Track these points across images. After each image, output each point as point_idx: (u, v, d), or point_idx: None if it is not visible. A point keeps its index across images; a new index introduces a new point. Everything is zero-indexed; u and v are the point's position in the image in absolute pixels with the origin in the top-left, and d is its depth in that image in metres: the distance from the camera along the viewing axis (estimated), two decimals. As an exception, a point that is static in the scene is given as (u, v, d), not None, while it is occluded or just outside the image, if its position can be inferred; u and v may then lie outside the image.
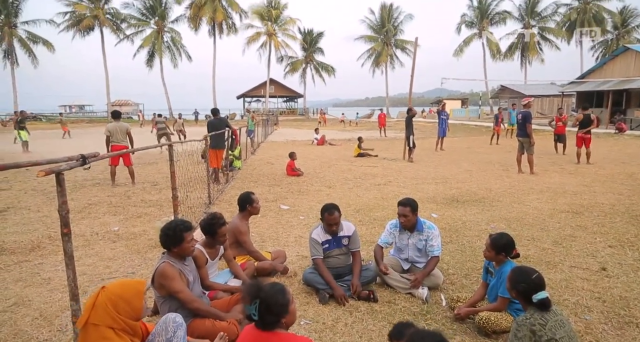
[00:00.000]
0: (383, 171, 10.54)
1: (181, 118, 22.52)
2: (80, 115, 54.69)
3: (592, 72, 28.93)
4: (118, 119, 8.93)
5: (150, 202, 7.12)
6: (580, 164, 10.94)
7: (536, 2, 46.88)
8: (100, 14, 43.14)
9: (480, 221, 5.76)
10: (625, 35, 46.86)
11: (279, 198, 7.45)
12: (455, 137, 22.04)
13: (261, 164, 12.05)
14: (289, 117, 53.08)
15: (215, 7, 44.44)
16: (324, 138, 18.56)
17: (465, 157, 13.33)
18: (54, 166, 2.27)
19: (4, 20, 41.28)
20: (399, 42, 53.17)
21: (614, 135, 20.26)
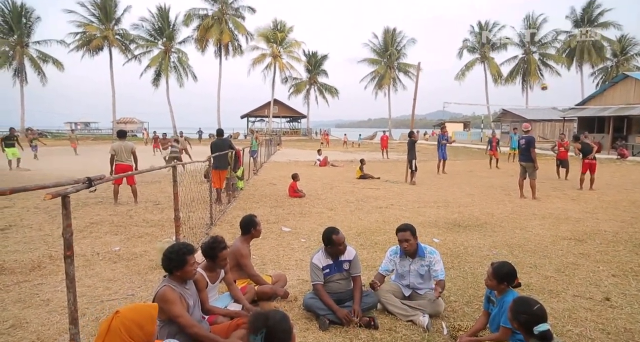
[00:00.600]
0: (385, 194, 10.54)
1: (183, 136, 21.87)
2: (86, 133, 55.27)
3: (593, 98, 29.23)
4: (123, 138, 9.03)
5: (152, 222, 7.13)
6: (582, 190, 10.94)
7: (537, 29, 47.85)
8: (110, 35, 44.22)
9: (482, 246, 5.73)
10: (624, 62, 47.61)
11: (281, 220, 7.45)
12: (457, 160, 22.12)
13: (263, 185, 12.09)
14: (292, 137, 53.48)
15: (222, 29, 45.50)
16: (326, 159, 18.66)
17: (467, 180, 13.35)
18: (61, 189, 2.31)
19: (16, 40, 42.37)
20: (402, 66, 54.06)
21: (616, 161, 20.29)
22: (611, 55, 48.36)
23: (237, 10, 47.66)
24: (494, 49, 49.93)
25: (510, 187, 11.35)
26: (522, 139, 10.01)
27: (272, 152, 25.44)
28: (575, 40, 45.59)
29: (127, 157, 8.80)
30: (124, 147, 8.81)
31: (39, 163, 16.36)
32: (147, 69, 47.13)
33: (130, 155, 8.87)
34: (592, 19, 46.30)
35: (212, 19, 45.67)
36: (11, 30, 42.36)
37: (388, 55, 53.12)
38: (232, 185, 9.89)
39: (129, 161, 8.85)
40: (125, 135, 9.23)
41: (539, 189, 9.98)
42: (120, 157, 8.74)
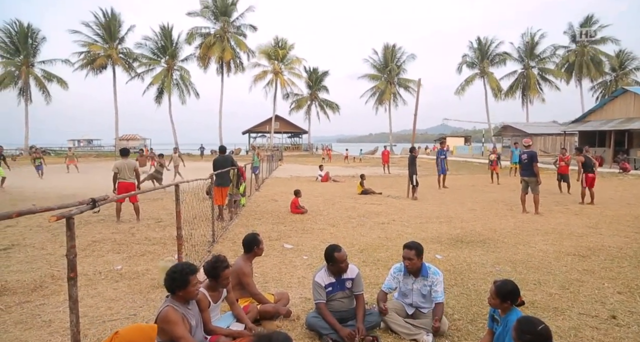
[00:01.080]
0: (387, 209, 10.53)
1: (177, 152, 21.13)
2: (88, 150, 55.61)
3: (593, 112, 29.40)
4: (126, 157, 9.11)
5: (154, 239, 7.12)
6: (584, 204, 10.90)
7: (535, 44, 48.48)
8: (113, 54, 44.92)
9: (485, 262, 5.70)
10: (623, 77, 48.06)
11: (283, 237, 7.44)
12: (459, 174, 22.13)
13: (265, 201, 12.09)
14: (293, 153, 53.69)
15: (224, 47, 46.19)
16: (328, 175, 18.68)
17: (469, 195, 13.33)
18: (65, 211, 2.33)
19: (22, 60, 43.10)
20: (402, 81, 54.59)
21: (618, 175, 20.26)
22: (610, 70, 48.88)
23: (239, 28, 48.49)
24: (493, 64, 50.47)
25: (512, 202, 11.34)
26: (524, 154, 10.02)
27: (273, 168, 25.50)
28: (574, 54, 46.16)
29: (129, 175, 8.88)
30: (126, 165, 8.89)
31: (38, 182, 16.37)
32: (149, 86, 47.75)
33: (132, 173, 8.95)
34: (590, 34, 46.90)
35: (214, 37, 46.42)
36: (17, 50, 43.17)
37: (388, 71, 53.69)
38: (235, 202, 9.90)
39: (131, 179, 8.92)
40: (128, 154, 9.30)
41: (541, 204, 9.96)
42: (123, 175, 8.81)
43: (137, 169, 9.09)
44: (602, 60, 46.67)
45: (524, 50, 49.09)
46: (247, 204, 11.26)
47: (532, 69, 49.13)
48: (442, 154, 15.71)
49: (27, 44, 43.15)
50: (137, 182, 9.11)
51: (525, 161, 9.86)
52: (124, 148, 9.76)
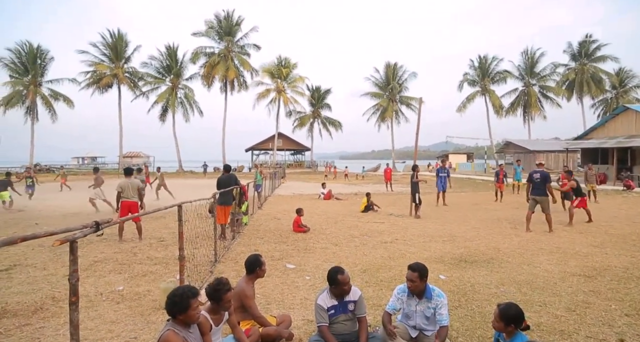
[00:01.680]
0: (390, 228, 10.48)
1: (160, 171, 20.43)
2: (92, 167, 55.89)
3: (595, 129, 29.46)
4: (130, 176, 9.17)
5: (156, 259, 7.10)
6: (572, 225, 10.57)
7: (535, 62, 49.00)
8: (119, 73, 45.66)
9: (489, 283, 5.64)
10: (623, 94, 48.37)
11: (285, 256, 7.40)
12: (462, 192, 22.06)
13: (268, 220, 12.06)
14: (296, 170, 53.80)
15: (228, 66, 46.90)
16: (330, 192, 18.67)
17: (472, 213, 13.27)
18: (69, 235, 2.35)
19: (30, 80, 43.85)
20: (404, 99, 54.97)
21: (622, 192, 20.15)
22: (610, 88, 49.20)
23: (243, 47, 49.30)
24: (494, 82, 50.90)
25: (516, 220, 11.27)
26: (536, 173, 10.12)
27: (276, 186, 25.52)
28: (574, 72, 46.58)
29: (132, 194, 8.92)
30: (130, 184, 8.94)
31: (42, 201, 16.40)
32: (154, 104, 48.35)
33: (135, 192, 8.99)
34: (589, 53, 47.45)
35: (218, 56, 47.19)
36: (26, 70, 43.96)
37: (390, 89, 54.16)
38: (237, 220, 9.89)
39: (134, 198, 8.95)
40: (132, 173, 9.37)
41: (544, 222, 9.91)
42: (127, 194, 8.85)
43: (141, 189, 9.12)
44: (602, 78, 47.06)
45: (524, 68, 49.60)
46: (250, 223, 11.24)
47: (533, 86, 49.53)
48: (442, 171, 15.78)
49: (36, 64, 43.99)
50: (140, 202, 9.13)
51: (537, 180, 9.96)
52: (127, 167, 9.84)
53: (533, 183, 10.11)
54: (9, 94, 43.00)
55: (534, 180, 10.06)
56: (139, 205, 9.11)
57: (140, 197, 9.12)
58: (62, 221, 11.60)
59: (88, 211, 13.67)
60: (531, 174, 10.31)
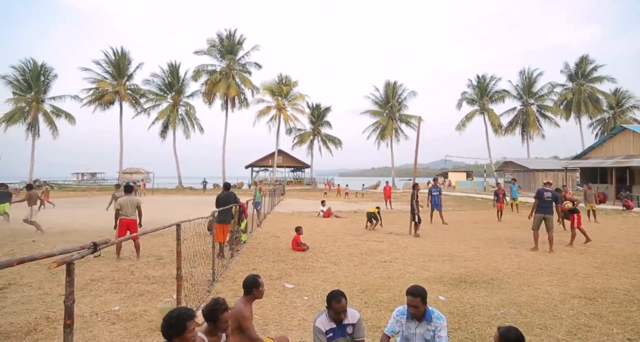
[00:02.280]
0: (389, 247, 10.42)
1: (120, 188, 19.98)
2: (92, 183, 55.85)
3: (593, 149, 29.61)
4: (129, 193, 9.14)
5: (153, 278, 7.03)
6: (573, 246, 10.54)
7: (533, 82, 49.62)
8: (121, 90, 46.14)
9: (489, 305, 5.58)
10: (620, 114, 48.84)
11: (284, 275, 7.33)
12: (461, 210, 22.01)
13: (267, 238, 12.00)
14: (295, 187, 53.77)
15: (229, 84, 47.44)
16: (329, 210, 18.63)
17: (472, 232, 13.21)
18: (66, 256, 2.35)
19: (33, 97, 44.28)
20: (404, 117, 55.37)
21: (621, 212, 20.11)
22: (607, 108, 49.69)
23: (244, 66, 49.95)
24: (492, 101, 51.40)
25: (516, 240, 11.22)
26: (547, 191, 10.32)
27: (275, 203, 25.46)
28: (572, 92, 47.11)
29: (131, 212, 8.89)
30: (129, 202, 8.91)
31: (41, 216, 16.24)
32: (155, 121, 48.66)
33: (135, 210, 8.95)
34: (585, 73, 48.12)
35: (220, 74, 47.78)
36: (29, 87, 44.43)
37: (389, 107, 54.65)
38: (236, 238, 9.84)
39: (133, 216, 8.92)
40: (132, 190, 9.32)
41: (545, 242, 9.87)
42: (125, 212, 8.81)
43: (140, 206, 9.10)
44: (599, 98, 47.59)
45: (521, 88, 50.19)
46: (249, 241, 11.18)
47: (531, 106, 50.02)
48: (434, 190, 15.85)
49: (39, 81, 44.51)
50: (139, 220, 9.10)
51: (548, 199, 10.17)
52: (127, 184, 9.79)
53: (542, 201, 10.22)
54: (11, 111, 43.35)
55: (545, 198, 10.18)
56: (138, 223, 9.07)
57: (139, 215, 9.08)
58: (60, 238, 11.52)
59: (86, 227, 13.61)
60: (541, 192, 10.37)
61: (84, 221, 15.53)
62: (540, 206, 10.19)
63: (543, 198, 10.22)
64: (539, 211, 10.20)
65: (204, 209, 17.24)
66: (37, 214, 13.26)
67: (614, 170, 25.15)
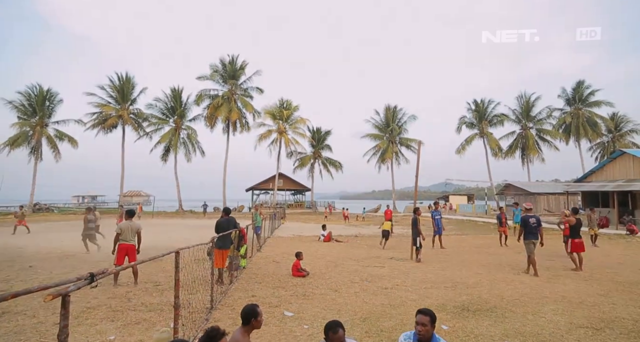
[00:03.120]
0: (390, 272, 10.27)
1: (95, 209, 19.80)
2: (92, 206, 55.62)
3: (594, 173, 29.64)
4: (131, 218, 9.11)
5: (150, 306, 6.91)
6: (581, 270, 10.47)
7: (531, 106, 50.16)
8: (124, 114, 46.67)
9: (493, 335, 5.44)
10: (619, 138, 49.13)
11: (283, 303, 7.20)
12: (463, 234, 21.83)
13: (266, 263, 11.86)
14: (296, 210, 53.54)
15: (231, 108, 48.00)
16: (330, 235, 18.48)
17: (474, 257, 13.05)
18: (61, 288, 2.31)
19: (37, 121, 44.78)
20: (404, 140, 55.73)
21: (625, 237, 19.91)
22: (606, 131, 50.05)
23: (246, 90, 50.68)
24: (491, 125, 51.82)
25: (519, 266, 11.07)
26: (532, 217, 10.45)
27: (276, 226, 25.28)
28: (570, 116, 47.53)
29: (131, 237, 8.85)
30: (130, 227, 8.88)
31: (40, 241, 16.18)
32: (157, 144, 48.95)
33: (134, 235, 8.91)
34: (583, 97, 48.73)
35: (222, 98, 48.41)
36: (34, 112, 45.00)
37: (390, 131, 55.08)
38: (235, 264, 9.72)
39: (132, 241, 8.87)
40: (134, 215, 9.31)
41: (548, 268, 9.77)
42: (125, 237, 8.77)
43: (140, 232, 9.05)
44: (597, 122, 47.98)
45: (520, 112, 50.69)
46: (248, 266, 11.04)
47: (530, 129, 50.38)
48: (436, 214, 15.82)
49: (44, 106, 45.10)
50: (138, 246, 9.03)
51: (534, 225, 10.33)
52: (129, 209, 9.75)
53: (529, 227, 10.40)
54: (15, 135, 43.72)
55: (531, 224, 10.38)
56: (137, 249, 9.00)
57: (138, 241, 9.02)
58: (57, 264, 11.39)
59: (86, 253, 13.48)
60: (527, 219, 10.55)
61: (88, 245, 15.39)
62: (528, 232, 10.40)
63: (529, 225, 10.41)
64: (529, 237, 10.35)
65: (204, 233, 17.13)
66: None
67: (615, 194, 25.08)
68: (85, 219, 13.85)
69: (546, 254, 13.75)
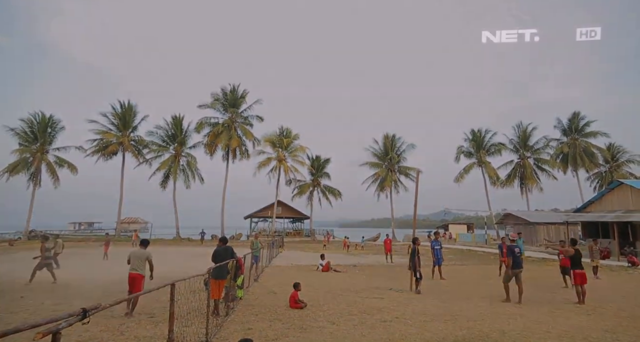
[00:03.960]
0: (389, 304, 10.08)
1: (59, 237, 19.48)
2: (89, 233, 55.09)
3: (592, 203, 29.65)
4: (143, 246, 9.28)
5: (144, 339, 6.73)
6: (583, 304, 10.23)
7: (528, 136, 50.70)
8: (125, 141, 47.02)
9: (496, 372, 5.30)
10: (616, 168, 49.47)
11: (280, 336, 7.03)
12: (463, 264, 21.55)
13: (263, 294, 11.65)
14: (294, 239, 52.99)
15: (231, 136, 48.42)
16: (328, 264, 18.23)
17: (474, 289, 12.86)
18: (52, 326, 2.28)
19: (38, 148, 45.05)
20: (402, 169, 55.85)
21: (627, 268, 19.67)
22: (603, 162, 50.42)
23: (246, 118, 51.25)
24: (489, 154, 52.17)
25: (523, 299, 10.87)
26: (517, 247, 10.81)
27: (274, 255, 24.96)
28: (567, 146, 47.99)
29: (138, 266, 8.91)
30: (138, 254, 9.01)
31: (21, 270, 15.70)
32: (156, 171, 49.04)
33: (143, 263, 9.00)
34: (579, 128, 49.39)
35: (222, 126, 48.92)
36: (36, 138, 45.33)
37: (388, 159, 55.34)
38: (231, 295, 9.55)
39: (138, 270, 8.92)
40: (147, 244, 9.43)
41: (549, 301, 9.60)
42: (132, 265, 8.88)
43: (150, 259, 9.13)
44: (594, 152, 48.39)
45: (517, 142, 51.17)
46: (245, 297, 10.83)
47: (528, 159, 50.70)
48: (436, 244, 15.72)
49: (46, 133, 45.48)
50: (151, 273, 9.22)
51: (519, 254, 10.78)
52: (144, 239, 9.95)
53: (515, 257, 10.77)
54: (15, 161, 43.82)
55: (516, 254, 10.75)
56: (150, 276, 9.18)
57: (150, 268, 9.16)
58: (50, 295, 11.11)
59: (78, 282, 13.24)
60: (512, 249, 10.86)
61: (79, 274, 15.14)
62: (515, 262, 10.72)
63: (515, 254, 10.74)
64: (516, 266, 10.74)
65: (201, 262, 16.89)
66: None
67: (615, 225, 24.97)
68: (43, 248, 13.69)
69: (548, 286, 13.56)
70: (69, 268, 16.24)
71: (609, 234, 26.38)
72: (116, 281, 12.23)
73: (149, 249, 9.44)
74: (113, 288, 11.39)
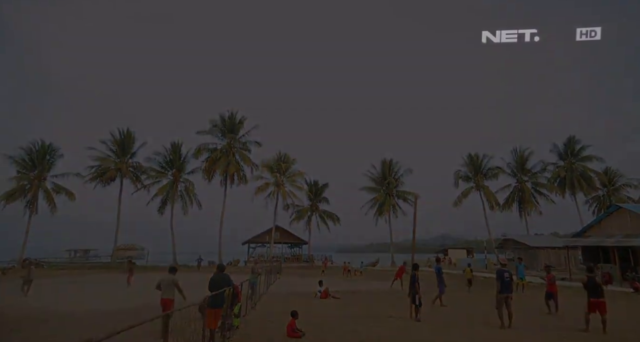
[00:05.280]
0: (389, 333, 9.89)
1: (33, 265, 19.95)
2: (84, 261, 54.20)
3: (591, 227, 29.57)
4: (172, 273, 9.69)
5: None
6: (588, 332, 9.94)
7: (525, 160, 51.04)
8: (123, 168, 47.09)
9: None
10: (614, 192, 49.61)
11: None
12: (464, 290, 21.21)
13: (261, 322, 11.40)
14: (292, 264, 52.29)
15: (229, 161, 48.57)
16: (327, 291, 17.95)
17: (475, 316, 12.62)
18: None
19: (36, 175, 44.98)
20: (400, 193, 55.85)
21: (630, 294, 19.39)
22: (601, 185, 50.61)
23: (245, 144, 51.51)
24: (487, 178, 52.30)
25: (524, 326, 10.69)
26: (506, 272, 10.77)
27: (271, 282, 24.55)
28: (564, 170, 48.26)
29: (167, 290, 9.36)
30: (166, 280, 9.42)
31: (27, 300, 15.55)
32: (154, 197, 48.81)
33: (171, 287, 9.38)
34: (575, 152, 49.84)
35: (220, 152, 49.14)
36: (34, 166, 45.30)
37: (386, 184, 55.42)
38: (227, 324, 9.35)
39: (166, 295, 9.38)
40: (175, 271, 9.84)
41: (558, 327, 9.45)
42: (164, 290, 9.39)
43: (178, 284, 9.43)
44: (591, 176, 48.63)
45: (514, 166, 51.46)
46: (241, 325, 10.60)
47: (526, 182, 50.84)
48: (440, 270, 15.56)
49: (44, 160, 45.52)
50: (182, 296, 9.47)
51: (507, 279, 10.71)
52: (172, 266, 10.38)
53: (504, 282, 10.70)
54: (12, 189, 43.57)
55: (505, 279, 10.70)
56: (182, 297, 9.48)
57: (179, 291, 9.47)
58: (44, 328, 10.82)
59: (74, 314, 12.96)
60: (502, 273, 10.81)
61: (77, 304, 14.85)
62: (503, 287, 10.67)
63: (504, 278, 10.72)
64: (504, 291, 10.67)
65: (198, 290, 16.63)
66: None
67: (616, 249, 24.83)
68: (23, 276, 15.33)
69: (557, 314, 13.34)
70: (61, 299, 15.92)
71: (610, 259, 26.18)
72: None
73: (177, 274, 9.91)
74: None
